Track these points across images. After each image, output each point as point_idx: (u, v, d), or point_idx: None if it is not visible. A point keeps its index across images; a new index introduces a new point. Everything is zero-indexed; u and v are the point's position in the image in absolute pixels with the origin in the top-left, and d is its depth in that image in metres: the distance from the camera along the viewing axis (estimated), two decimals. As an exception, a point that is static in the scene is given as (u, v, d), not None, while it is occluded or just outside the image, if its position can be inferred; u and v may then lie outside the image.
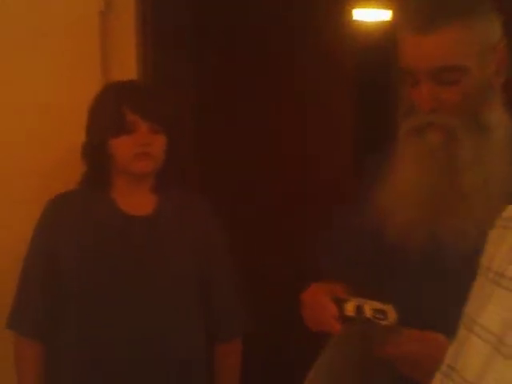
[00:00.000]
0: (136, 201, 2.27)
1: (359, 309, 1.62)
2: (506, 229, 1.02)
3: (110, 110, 2.20)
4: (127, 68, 2.74)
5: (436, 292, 1.69)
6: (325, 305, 1.68)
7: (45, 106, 2.67)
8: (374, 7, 4.88)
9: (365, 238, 1.79)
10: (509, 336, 0.93)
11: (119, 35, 2.77)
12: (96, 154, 2.24)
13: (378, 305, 1.62)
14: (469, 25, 1.61)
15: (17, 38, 2.68)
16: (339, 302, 1.66)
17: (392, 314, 1.60)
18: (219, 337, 2.38)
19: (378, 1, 4.84)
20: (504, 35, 1.68)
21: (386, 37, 4.80)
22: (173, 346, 2.21)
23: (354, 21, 4.93)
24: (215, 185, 4.53)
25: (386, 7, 4.84)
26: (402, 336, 1.58)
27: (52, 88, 2.68)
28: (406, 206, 1.71)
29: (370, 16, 4.94)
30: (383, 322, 1.59)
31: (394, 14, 4.82)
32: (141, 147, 2.19)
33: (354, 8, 4.89)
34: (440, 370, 1.06)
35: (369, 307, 1.62)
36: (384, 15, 4.91)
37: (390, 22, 4.87)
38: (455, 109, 1.64)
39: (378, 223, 1.74)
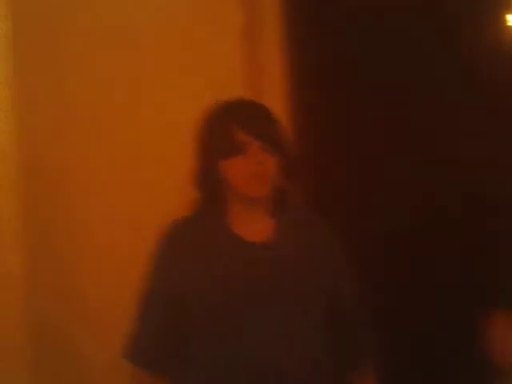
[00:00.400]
0: (254, 226, 2.15)
1: None
2: None
3: (220, 130, 2.10)
4: (274, 82, 2.72)
5: None
6: None
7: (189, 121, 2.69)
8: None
9: None
10: None
11: (265, 48, 2.75)
12: (208, 179, 2.14)
13: None
14: None
15: (163, 54, 2.71)
16: None
17: None
18: (351, 364, 2.25)
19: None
20: None
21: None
22: (301, 375, 2.09)
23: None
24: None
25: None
26: None
27: (195, 104, 2.69)
28: None
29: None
30: None
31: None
32: (254, 166, 2.07)
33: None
34: None
35: None
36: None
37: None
38: None
39: None
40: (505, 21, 3.99)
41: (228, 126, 2.08)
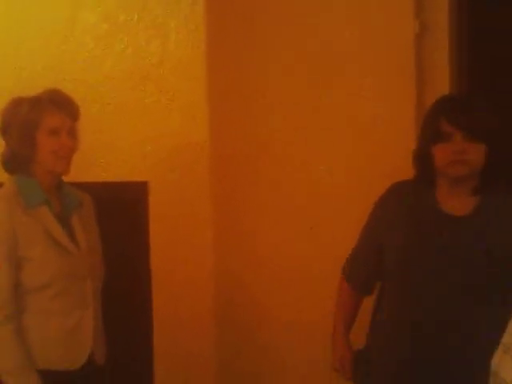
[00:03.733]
0: (456, 201, 2.48)
1: None
2: None
3: (431, 121, 2.47)
4: (440, 88, 2.90)
5: None
6: None
7: (370, 118, 3.04)
8: None
9: None
10: None
11: (433, 56, 2.95)
12: (420, 159, 2.52)
13: None
14: None
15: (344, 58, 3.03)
16: None
17: None
18: None
19: None
20: None
21: None
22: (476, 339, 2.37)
23: None
24: None
25: None
26: None
27: (371, 104, 3.02)
28: None
29: None
30: None
31: None
32: (455, 154, 2.40)
33: None
34: (500, 347, 1.42)
35: None
36: None
37: None
38: None
39: None
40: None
41: (436, 117, 2.44)
